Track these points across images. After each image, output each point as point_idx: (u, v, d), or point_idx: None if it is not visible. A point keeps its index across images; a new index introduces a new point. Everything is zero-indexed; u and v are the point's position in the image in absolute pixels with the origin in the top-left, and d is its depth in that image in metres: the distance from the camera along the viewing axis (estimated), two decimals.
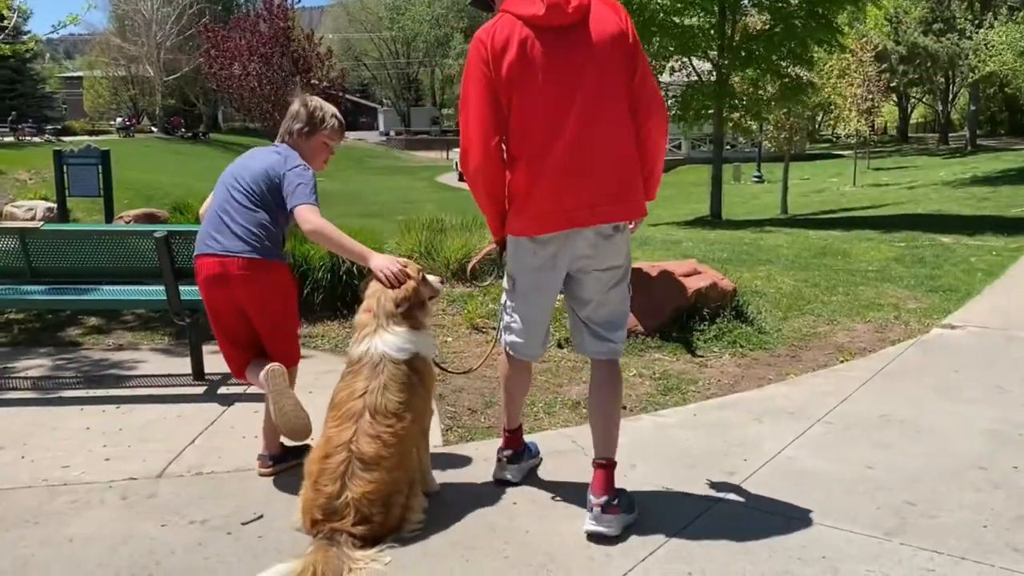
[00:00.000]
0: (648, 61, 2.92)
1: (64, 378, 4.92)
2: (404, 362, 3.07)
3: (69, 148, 10.75)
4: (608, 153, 2.88)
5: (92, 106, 56.51)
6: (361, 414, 2.97)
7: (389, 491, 2.90)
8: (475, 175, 2.96)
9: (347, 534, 2.82)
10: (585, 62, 2.83)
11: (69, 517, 3.16)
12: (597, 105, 2.84)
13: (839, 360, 5.25)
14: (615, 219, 2.93)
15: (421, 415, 3.15)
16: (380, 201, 26.74)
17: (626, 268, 3.07)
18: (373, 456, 2.89)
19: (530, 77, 2.82)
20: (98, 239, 4.71)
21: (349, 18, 71.72)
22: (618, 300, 3.07)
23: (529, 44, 2.81)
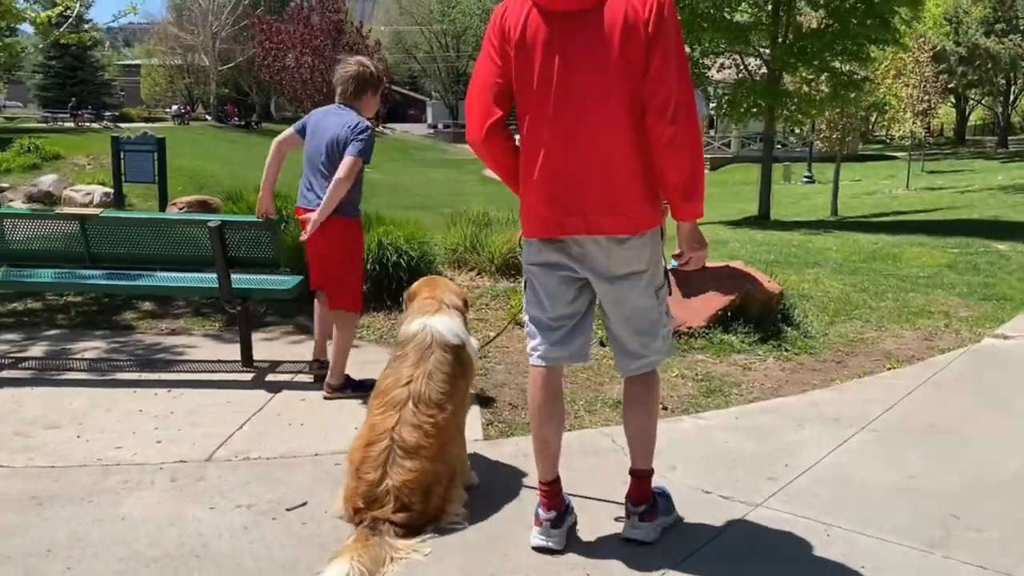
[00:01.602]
0: (676, 60, 2.55)
1: (119, 361, 5.07)
2: (453, 349, 3.14)
3: (126, 135, 11.01)
4: (601, 158, 2.63)
5: (149, 94, 57.76)
6: (405, 403, 3.03)
7: (428, 481, 2.95)
8: (477, 149, 2.84)
9: (388, 522, 2.88)
10: (586, 54, 2.57)
11: (121, 497, 3.27)
12: (590, 103, 2.60)
13: (886, 367, 5.17)
14: (609, 231, 2.67)
15: (460, 408, 3.20)
16: (426, 193, 26.91)
17: (652, 273, 2.78)
18: (414, 445, 2.95)
19: (527, 65, 2.64)
20: (154, 227, 4.84)
21: (400, 11, 72.09)
22: (646, 308, 2.80)
23: (533, 28, 2.62)
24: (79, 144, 27.70)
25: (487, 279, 6.78)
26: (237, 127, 47.55)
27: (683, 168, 2.62)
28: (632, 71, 2.55)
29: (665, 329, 2.88)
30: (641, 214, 2.68)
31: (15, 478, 3.43)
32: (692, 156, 2.61)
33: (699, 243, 2.80)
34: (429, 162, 46.18)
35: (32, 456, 3.64)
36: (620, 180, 2.64)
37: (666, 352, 2.92)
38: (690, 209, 2.69)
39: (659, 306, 2.84)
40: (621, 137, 2.61)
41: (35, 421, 4.05)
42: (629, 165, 2.63)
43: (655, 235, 2.78)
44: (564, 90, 2.61)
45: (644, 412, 2.93)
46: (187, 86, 56.31)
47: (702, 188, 2.68)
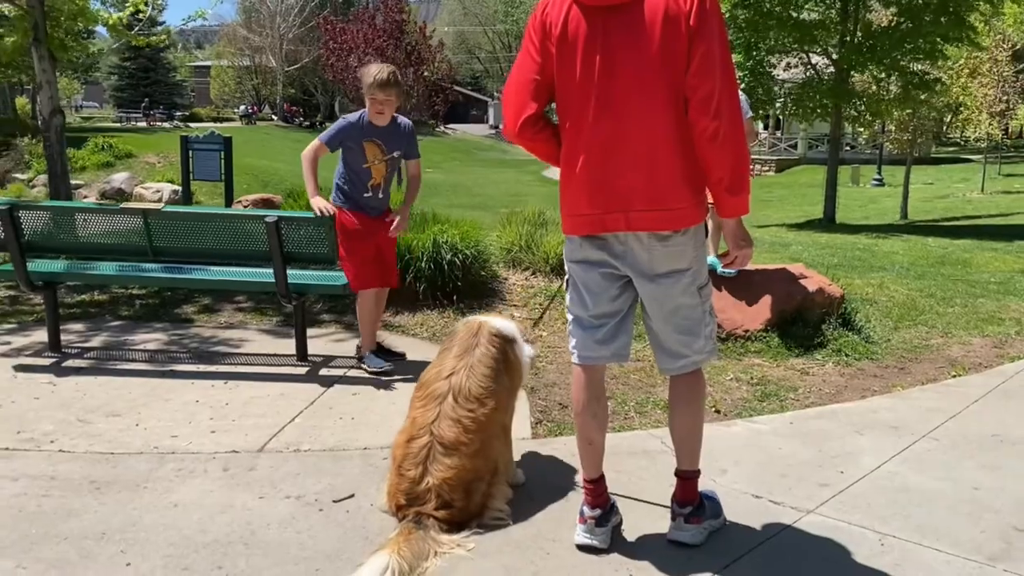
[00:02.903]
0: (719, 53, 2.50)
1: (178, 352, 5.19)
2: (500, 343, 3.14)
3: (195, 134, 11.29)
4: (642, 153, 2.58)
5: (218, 94, 59.27)
6: (445, 396, 3.03)
7: (469, 478, 2.95)
8: (515, 141, 2.81)
9: (432, 518, 2.88)
10: (626, 49, 2.53)
11: (175, 484, 3.35)
12: (632, 99, 2.55)
13: (951, 375, 5.00)
14: (651, 228, 2.63)
15: (504, 406, 3.17)
16: (486, 193, 27.03)
17: (695, 271, 2.73)
18: (453, 441, 2.95)
19: (568, 60, 2.61)
20: (214, 221, 4.93)
21: (464, 11, 72.59)
22: (688, 307, 2.75)
23: (574, 24, 2.59)
24: (150, 143, 28.58)
25: (541, 279, 6.76)
26: (302, 127, 48.45)
27: (727, 162, 2.56)
28: (674, 65, 2.51)
29: (708, 329, 2.82)
30: (683, 209, 2.63)
31: (76, 462, 3.54)
32: (736, 150, 2.55)
33: (745, 240, 2.73)
34: (490, 162, 46.36)
35: (93, 442, 3.75)
36: (662, 175, 2.59)
37: (709, 352, 2.85)
38: (735, 204, 2.64)
39: (702, 304, 2.78)
40: (663, 132, 2.56)
41: (97, 408, 4.17)
42: (671, 160, 2.59)
43: (699, 232, 2.73)
44: (605, 85, 2.58)
45: (689, 412, 2.88)
46: (255, 87, 57.59)
47: (747, 183, 2.63)
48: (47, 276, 5.05)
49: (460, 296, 6.13)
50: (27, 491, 3.25)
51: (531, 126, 2.73)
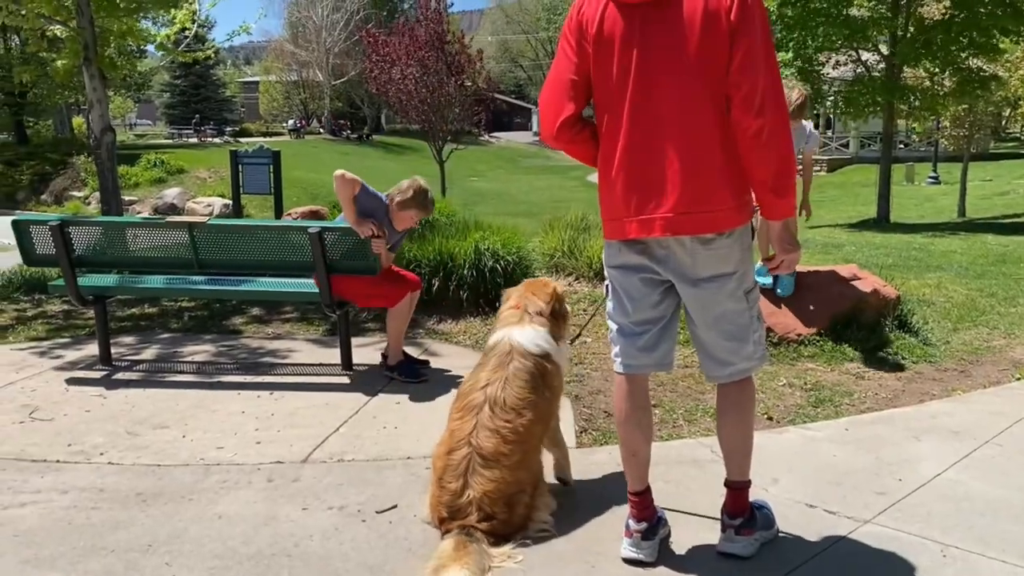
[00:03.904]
0: (762, 50, 2.39)
1: (225, 364, 5.24)
2: (534, 357, 3.08)
3: (244, 148, 11.47)
4: (682, 154, 2.48)
5: (267, 109, 60.34)
6: (481, 407, 2.99)
7: (511, 490, 2.89)
8: (553, 144, 2.75)
9: (477, 530, 2.83)
10: (664, 47, 2.45)
11: (219, 495, 3.35)
12: (670, 98, 2.47)
13: (1015, 377, 4.80)
14: (691, 231, 2.52)
15: (545, 416, 3.11)
16: (530, 200, 27.04)
17: (741, 274, 2.62)
18: (492, 452, 2.89)
19: (605, 59, 2.54)
20: (258, 233, 4.97)
21: (507, 20, 72.92)
22: (734, 312, 2.65)
23: (610, 22, 2.51)
24: (201, 158, 29.18)
25: (585, 284, 6.69)
26: (350, 140, 49.04)
27: (771, 162, 2.46)
28: (714, 62, 2.42)
29: (756, 334, 2.71)
30: (725, 211, 2.52)
31: (124, 475, 3.57)
32: (780, 150, 2.45)
33: (791, 244, 2.62)
34: (534, 169, 46.36)
35: (140, 455, 3.78)
36: (702, 176, 2.50)
37: (758, 359, 2.74)
38: (780, 205, 2.53)
39: (749, 310, 2.68)
40: (703, 131, 2.47)
41: (145, 421, 4.21)
42: (711, 160, 2.49)
43: (744, 235, 2.62)
44: (643, 84, 2.49)
45: (736, 421, 2.77)
46: (302, 101, 58.48)
47: (792, 184, 2.53)
48: (97, 290, 5.13)
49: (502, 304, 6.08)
50: (76, 504, 3.29)
51: (569, 128, 2.66)
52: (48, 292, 5.82)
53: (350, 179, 4.55)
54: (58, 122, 39.41)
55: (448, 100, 14.66)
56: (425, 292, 5.98)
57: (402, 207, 4.72)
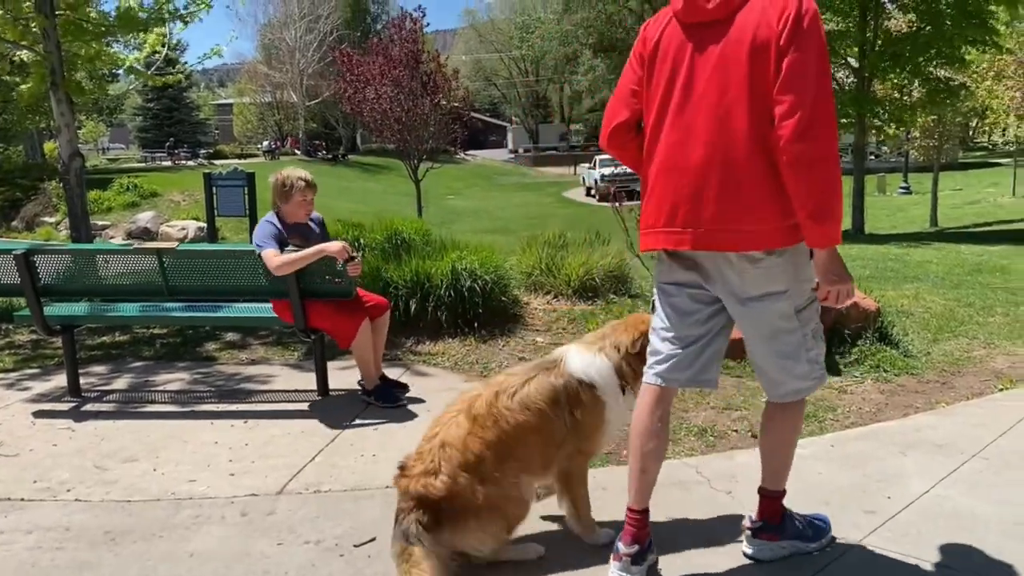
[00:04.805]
0: (811, 74, 2.35)
1: (199, 392, 5.11)
2: (575, 380, 2.90)
3: (218, 171, 11.35)
4: (724, 171, 2.48)
5: (241, 131, 60.01)
6: (482, 392, 2.88)
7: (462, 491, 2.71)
8: (605, 148, 2.89)
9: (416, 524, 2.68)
10: (710, 66, 2.49)
11: (191, 532, 3.23)
12: (711, 115, 2.48)
13: (998, 388, 4.78)
14: (730, 247, 2.51)
15: (550, 438, 2.86)
16: (506, 217, 27.02)
17: (792, 293, 2.56)
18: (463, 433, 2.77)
19: (656, 75, 2.62)
20: (229, 258, 4.86)
21: (480, 39, 73.07)
22: (786, 331, 2.60)
23: (668, 38, 2.60)
24: (175, 181, 28.91)
25: (564, 302, 6.63)
26: (325, 160, 48.85)
27: (810, 188, 2.38)
28: (761, 83, 2.41)
29: (811, 353, 2.66)
30: (769, 230, 2.48)
31: (91, 512, 3.44)
32: (822, 176, 2.37)
33: (837, 276, 2.49)
34: (510, 186, 46.41)
35: (109, 490, 3.65)
36: (741, 193, 2.48)
37: (816, 379, 2.69)
38: (820, 233, 2.42)
39: (801, 328, 2.62)
40: (743, 149, 2.45)
41: (114, 454, 4.08)
42: (753, 178, 2.46)
43: (796, 254, 2.55)
44: (686, 99, 2.54)
45: (776, 432, 2.80)
46: (277, 122, 58.23)
47: (835, 210, 2.42)
48: (65, 319, 5.00)
49: (481, 323, 6.01)
50: (41, 544, 3.16)
51: (621, 134, 2.77)
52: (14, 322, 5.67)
53: (276, 264, 4.46)
54: (28, 147, 38.94)
55: (423, 119, 14.60)
56: (403, 314, 5.90)
57: (283, 202, 4.72)
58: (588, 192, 37.14)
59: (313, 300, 4.67)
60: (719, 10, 2.48)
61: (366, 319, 4.70)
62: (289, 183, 4.72)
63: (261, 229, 4.64)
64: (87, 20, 9.39)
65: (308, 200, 4.80)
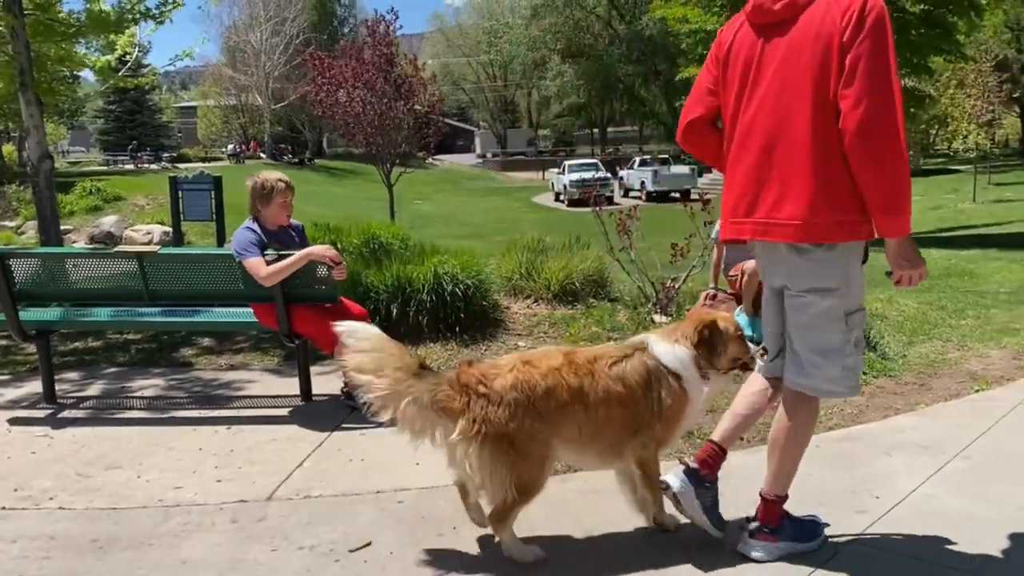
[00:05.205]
0: (874, 71, 2.42)
1: (178, 398, 5.03)
2: (660, 364, 2.96)
3: (184, 174, 11.22)
4: (784, 164, 2.60)
5: (205, 134, 59.32)
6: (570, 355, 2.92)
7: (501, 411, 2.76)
8: (681, 144, 3.05)
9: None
10: (775, 64, 2.62)
11: (181, 539, 3.18)
12: (773, 112, 2.62)
13: (974, 389, 4.87)
14: (782, 238, 2.62)
15: (631, 421, 2.92)
16: (476, 222, 26.99)
17: (843, 294, 2.64)
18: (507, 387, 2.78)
19: (730, 74, 2.78)
20: (211, 263, 4.80)
21: (447, 43, 73.05)
22: (828, 331, 2.68)
23: (739, 40, 2.75)
24: (138, 185, 28.46)
25: (544, 306, 6.64)
26: (291, 164, 48.46)
27: (877, 181, 2.49)
28: (823, 78, 2.51)
29: (848, 360, 2.70)
30: (822, 223, 2.56)
31: (76, 520, 3.37)
32: (887, 169, 2.47)
33: (908, 261, 2.59)
34: (479, 191, 46.37)
35: (92, 498, 3.58)
36: (800, 187, 2.57)
37: (845, 388, 2.75)
38: (889, 224, 2.54)
39: (847, 333, 2.68)
40: (806, 145, 2.56)
41: (96, 461, 4.00)
42: (812, 172, 2.55)
43: (849, 251, 2.64)
44: (754, 98, 2.68)
45: (777, 431, 2.84)
46: (242, 125, 57.65)
47: (904, 203, 2.52)
48: (40, 324, 4.90)
49: (463, 328, 6.00)
50: (27, 553, 3.08)
51: (694, 130, 2.96)
52: None
53: (264, 273, 4.42)
54: None
55: (396, 123, 14.52)
56: (384, 318, 5.86)
57: (263, 205, 4.67)
58: (557, 197, 37.18)
59: (297, 305, 4.63)
60: (785, 10, 2.60)
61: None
62: (269, 185, 4.68)
63: (242, 236, 4.58)
64: (56, 20, 9.22)
65: (288, 202, 4.76)
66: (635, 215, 6.82)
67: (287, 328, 4.63)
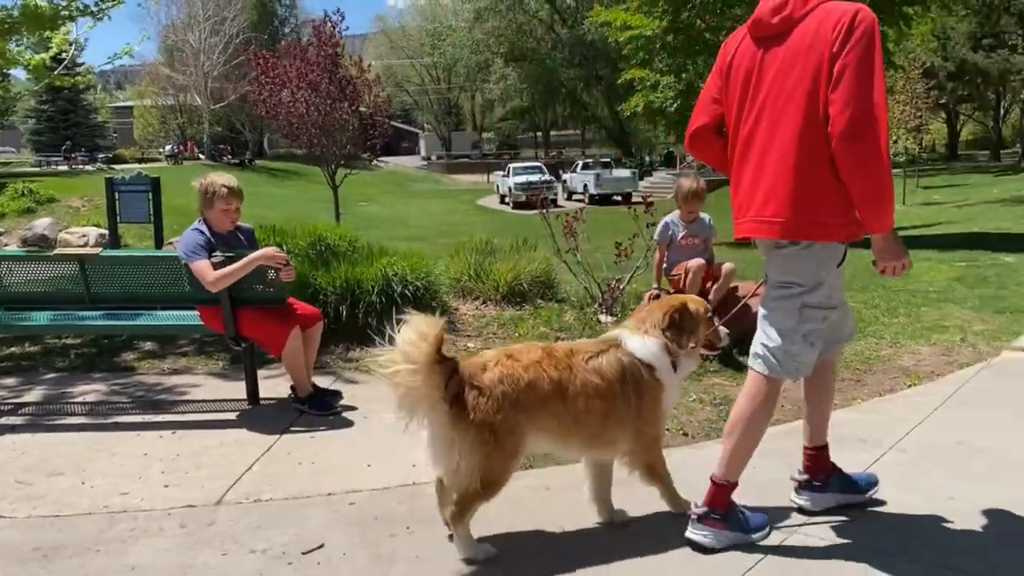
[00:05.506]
0: (862, 78, 2.60)
1: (121, 403, 4.94)
2: (634, 358, 3.07)
3: (120, 176, 10.97)
4: (773, 167, 2.82)
5: (142, 135, 57.89)
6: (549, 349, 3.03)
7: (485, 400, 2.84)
8: (688, 150, 3.28)
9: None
10: (775, 73, 2.83)
11: (129, 545, 3.14)
12: (771, 119, 2.82)
13: (907, 384, 5.06)
14: (760, 234, 2.89)
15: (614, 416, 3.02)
16: (422, 224, 26.93)
17: (808, 290, 2.88)
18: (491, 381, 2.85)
19: (732, 84, 2.99)
20: (156, 265, 4.73)
21: (391, 45, 72.67)
22: (779, 310, 2.95)
23: (741, 51, 2.97)
24: (73, 187, 27.66)
25: (493, 307, 6.68)
26: (231, 165, 47.63)
27: (862, 182, 2.67)
28: (816, 88, 2.70)
29: (793, 347, 2.93)
30: (804, 222, 2.78)
31: (18, 528, 3.30)
32: (871, 172, 2.65)
33: (891, 254, 2.80)
34: (424, 193, 46.23)
35: (35, 505, 3.50)
36: (784, 187, 2.79)
37: (784, 370, 2.97)
38: (873, 221, 2.75)
39: (799, 323, 2.91)
40: (793, 149, 2.77)
41: (36, 468, 3.91)
42: (796, 175, 2.76)
43: (825, 252, 2.86)
44: (752, 107, 2.89)
45: (737, 415, 3.03)
46: (180, 126, 56.44)
47: (887, 202, 2.71)
48: None
49: None
50: None
51: (700, 137, 3.17)
52: None
53: (211, 278, 4.39)
54: None
55: (341, 124, 14.40)
56: (333, 320, 5.82)
57: (206, 209, 4.62)
58: (502, 200, 37.30)
59: (244, 308, 4.58)
60: (782, 23, 2.82)
61: (296, 327, 4.63)
62: (211, 190, 4.60)
63: (189, 238, 4.52)
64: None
65: (232, 208, 4.68)
66: (581, 217, 6.92)
67: (234, 331, 4.59)
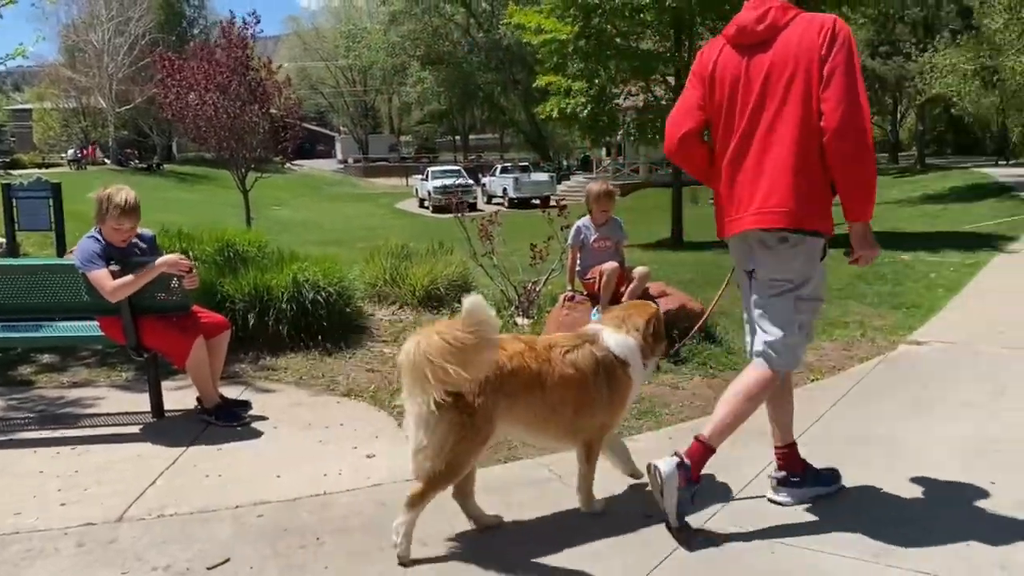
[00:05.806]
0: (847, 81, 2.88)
1: (15, 419, 4.70)
2: (611, 354, 3.20)
3: (18, 181, 10.48)
4: (768, 164, 3.01)
5: (42, 138, 55.36)
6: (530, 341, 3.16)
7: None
8: (672, 156, 3.34)
9: None
10: (761, 80, 3.02)
11: (22, 569, 2.99)
12: (763, 122, 3.02)
13: (809, 379, 5.24)
14: (758, 225, 3.05)
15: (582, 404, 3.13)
16: (338, 228, 26.54)
17: (798, 284, 3.10)
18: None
19: (718, 91, 3.14)
20: (54, 273, 4.53)
21: (304, 47, 71.50)
22: (776, 303, 3.14)
23: (723, 61, 3.14)
24: None
25: (409, 312, 6.64)
26: (139, 169, 46.06)
27: (850, 173, 2.94)
28: (808, 89, 2.93)
29: (790, 339, 3.14)
30: (800, 211, 2.99)
31: None
32: (858, 165, 2.92)
33: (867, 243, 3.07)
34: (340, 196, 45.63)
35: None
36: (783, 179, 2.98)
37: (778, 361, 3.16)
38: (859, 209, 3.01)
39: (794, 314, 3.13)
40: (791, 146, 2.97)
41: None
42: (795, 169, 2.97)
43: (811, 249, 3.09)
44: (743, 111, 3.06)
45: (733, 390, 3.21)
46: (83, 129, 54.27)
47: (868, 195, 3.00)
48: None
49: (325, 336, 5.91)
50: None
51: (686, 143, 3.26)
52: None
53: (110, 288, 4.24)
54: None
55: (251, 127, 14.11)
56: (241, 328, 5.68)
57: (99, 222, 4.40)
58: (422, 204, 37.11)
59: (146, 317, 4.43)
60: (767, 31, 3.03)
61: (201, 337, 4.50)
62: (104, 206, 4.36)
63: (85, 246, 4.34)
64: None
65: (124, 229, 4.41)
66: (496, 220, 6.94)
67: (135, 341, 4.44)
